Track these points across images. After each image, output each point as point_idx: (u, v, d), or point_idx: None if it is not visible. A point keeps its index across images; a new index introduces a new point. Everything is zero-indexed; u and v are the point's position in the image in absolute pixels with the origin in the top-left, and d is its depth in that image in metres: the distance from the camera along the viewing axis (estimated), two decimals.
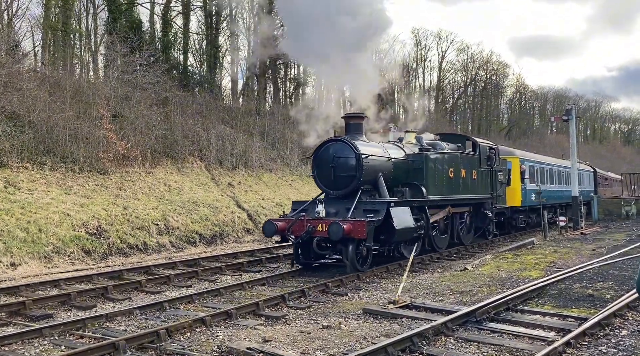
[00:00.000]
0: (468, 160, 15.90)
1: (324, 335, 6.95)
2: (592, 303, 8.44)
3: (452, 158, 15.04)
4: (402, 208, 12.16)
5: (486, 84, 65.55)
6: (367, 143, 12.75)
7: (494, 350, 6.32)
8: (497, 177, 17.84)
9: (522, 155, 22.44)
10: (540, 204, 21.52)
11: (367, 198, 12.22)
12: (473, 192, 16.08)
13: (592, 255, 14.04)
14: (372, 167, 12.29)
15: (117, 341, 6.35)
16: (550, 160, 27.84)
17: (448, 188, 14.59)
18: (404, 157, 13.77)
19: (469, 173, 15.81)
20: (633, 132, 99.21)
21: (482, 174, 16.85)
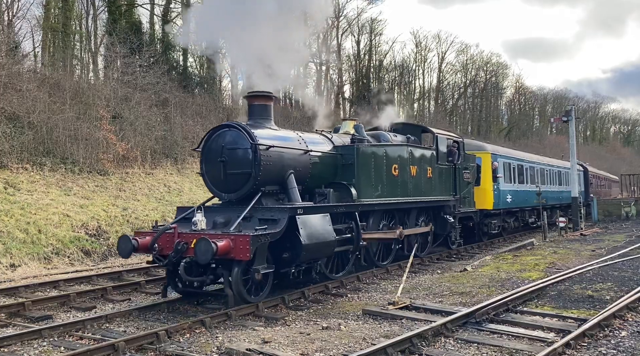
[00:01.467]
0: (421, 154, 13.23)
1: (323, 336, 6.95)
2: (591, 304, 8.45)
3: (396, 153, 12.22)
4: (316, 216, 9.26)
5: (486, 85, 65.56)
6: (273, 131, 9.90)
7: (494, 351, 6.32)
8: (461, 175, 15.25)
9: (495, 150, 19.55)
10: (518, 206, 20.14)
11: (271, 203, 9.44)
12: (428, 193, 13.37)
13: (592, 256, 14.04)
14: (278, 161, 9.51)
15: (117, 342, 6.35)
16: (535, 157, 25.23)
17: (391, 188, 11.84)
18: (332, 150, 11.01)
19: (422, 171, 13.16)
20: (633, 133, 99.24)
21: (441, 172, 14.17)
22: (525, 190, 21.32)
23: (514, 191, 20.05)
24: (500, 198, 18.57)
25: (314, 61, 43.42)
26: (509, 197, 19.35)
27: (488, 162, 18.18)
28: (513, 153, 22.14)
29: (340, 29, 45.26)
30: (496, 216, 18.75)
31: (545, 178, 24.69)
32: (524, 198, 20.98)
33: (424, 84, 58.87)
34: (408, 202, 12.61)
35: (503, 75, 68.51)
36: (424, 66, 58.34)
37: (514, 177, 20.46)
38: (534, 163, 23.58)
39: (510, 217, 20.37)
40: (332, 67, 45.76)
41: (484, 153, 18.26)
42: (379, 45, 51.53)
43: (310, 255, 9.10)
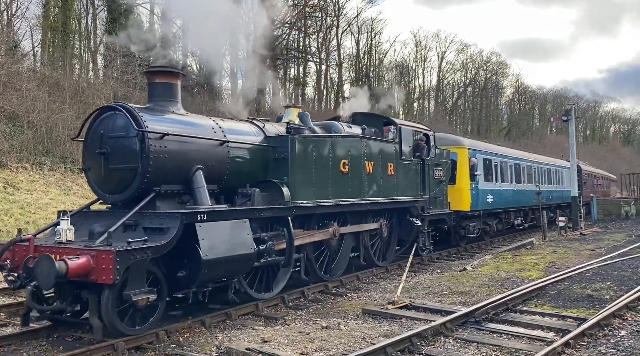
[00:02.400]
0: (380, 149, 11.47)
1: (323, 336, 6.95)
2: (591, 304, 8.45)
3: (346, 146, 10.41)
4: (228, 223, 7.48)
5: (486, 84, 65.59)
6: (175, 116, 7.99)
7: (493, 350, 6.32)
8: (431, 172, 13.48)
9: (474, 145, 17.55)
10: (499, 207, 18.56)
11: (169, 207, 7.55)
12: (389, 193, 11.64)
13: (592, 256, 14.04)
14: (178, 154, 7.63)
15: (116, 342, 6.34)
16: (521, 153, 23.26)
17: (338, 188, 10.11)
18: (263, 141, 9.24)
19: (381, 168, 11.44)
20: (632, 133, 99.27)
21: (406, 169, 12.41)
22: (509, 190, 19.57)
23: (497, 190, 18.19)
24: (479, 199, 16.72)
25: (314, 60, 43.47)
26: (490, 197, 17.46)
27: (465, 158, 16.29)
28: (495, 148, 19.94)
29: (340, 27, 45.26)
30: (475, 218, 16.79)
31: (534, 176, 22.84)
32: (508, 199, 19.28)
33: (424, 83, 58.95)
34: (361, 204, 10.75)
35: (503, 75, 68.61)
36: (423, 65, 58.42)
37: (496, 175, 18.54)
38: (520, 161, 21.58)
39: (493, 218, 18.45)
40: (331, 66, 45.78)
41: (460, 149, 16.34)
42: (379, 44, 51.62)
43: (215, 274, 7.20)
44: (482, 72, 64.87)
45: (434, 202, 13.55)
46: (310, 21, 41.03)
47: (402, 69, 55.05)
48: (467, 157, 16.33)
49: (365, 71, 49.37)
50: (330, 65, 45.75)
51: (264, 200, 8.75)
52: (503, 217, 19.36)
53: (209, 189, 7.95)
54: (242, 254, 7.54)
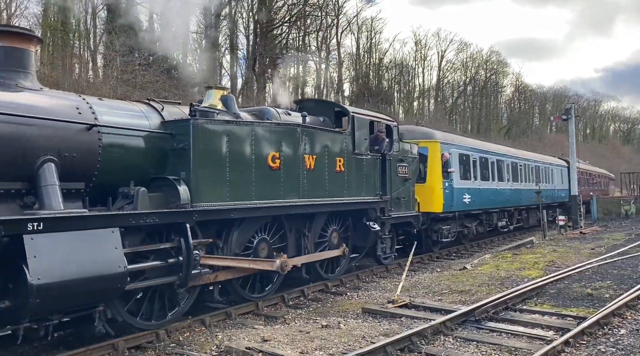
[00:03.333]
0: (325, 141, 9.55)
1: (323, 335, 6.96)
2: (591, 303, 8.46)
3: (277, 136, 8.42)
4: (79, 234, 5.62)
5: (486, 83, 65.58)
6: (20, 90, 6.18)
7: (493, 349, 6.33)
8: (394, 169, 11.67)
9: (447, 139, 15.69)
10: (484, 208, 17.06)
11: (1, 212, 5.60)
12: (337, 194, 9.77)
13: (591, 255, 14.05)
14: (13, 141, 5.79)
15: (116, 341, 6.35)
16: (505, 149, 21.37)
17: (265, 187, 8.13)
18: (159, 126, 7.34)
19: (327, 163, 9.55)
20: (632, 131, 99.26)
21: (361, 165, 10.54)
22: (491, 189, 17.79)
23: (475, 190, 16.34)
24: (454, 199, 14.91)
25: (313, 59, 43.46)
26: (467, 196, 15.65)
27: (437, 154, 14.48)
28: (473, 143, 18.06)
29: (339, 26, 45.25)
30: (450, 220, 15.13)
31: (519, 174, 20.93)
32: (489, 198, 17.46)
33: (424, 82, 58.94)
34: (299, 206, 8.83)
35: (503, 73, 68.60)
36: (423, 64, 58.39)
37: (475, 172, 16.67)
38: (504, 157, 19.67)
39: (472, 220, 16.65)
40: (331, 65, 45.78)
41: (431, 143, 14.53)
42: (379, 43, 51.60)
43: (54, 303, 5.36)
44: (482, 71, 64.88)
45: (397, 203, 11.75)
46: (310, 20, 41.03)
47: (402, 68, 55.03)
48: (439, 151, 14.53)
49: (365, 70, 49.37)
50: (330, 64, 45.79)
51: (155, 202, 6.80)
52: (484, 219, 17.49)
53: (72, 188, 6.24)
54: (102, 275, 5.60)
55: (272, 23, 36.38)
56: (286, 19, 37.61)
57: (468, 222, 16.39)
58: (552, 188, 25.14)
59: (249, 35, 36.82)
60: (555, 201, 25.12)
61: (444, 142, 15.12)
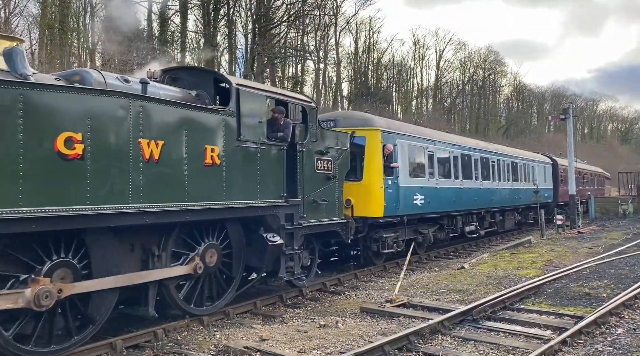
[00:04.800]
0: (184, 120, 6.79)
1: (321, 334, 6.96)
2: (588, 302, 8.48)
3: (83, 109, 5.72)
4: None
5: (484, 83, 65.67)
6: None
7: (491, 348, 6.34)
8: (309, 163, 9.13)
9: (391, 127, 12.71)
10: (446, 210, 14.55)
11: None
12: (204, 196, 7.05)
13: (589, 254, 14.08)
14: None
15: (114, 341, 6.35)
16: (477, 143, 18.30)
17: (51, 185, 5.41)
18: None
19: (186, 152, 6.80)
20: (630, 131, 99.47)
21: (252, 157, 7.84)
22: (453, 189, 14.97)
23: (431, 189, 13.66)
24: (401, 200, 12.25)
25: (312, 58, 43.48)
26: (420, 197, 13.03)
27: (376, 145, 11.72)
28: (430, 133, 14.87)
29: (338, 26, 45.27)
30: (397, 226, 12.52)
31: (491, 171, 18.00)
32: (450, 200, 14.73)
33: (422, 82, 58.98)
34: (122, 215, 6.08)
35: (501, 73, 68.70)
36: (422, 64, 58.45)
37: (431, 168, 13.92)
38: (471, 151, 16.63)
39: (430, 226, 14.12)
40: (329, 64, 45.79)
41: (369, 131, 11.76)
42: (377, 43, 51.64)
43: None
44: (481, 71, 64.96)
45: (315, 208, 9.22)
46: (308, 19, 41.04)
47: (400, 68, 55.07)
48: (379, 142, 11.73)
49: (364, 70, 49.39)
50: (329, 63, 45.80)
51: None
52: (445, 223, 14.89)
53: None
54: None
55: (270, 22, 36.38)
56: (284, 18, 37.63)
57: (424, 227, 13.81)
58: (533, 187, 22.62)
59: (247, 35, 36.85)
60: (539, 202, 22.50)
61: (387, 130, 12.17)
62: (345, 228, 10.10)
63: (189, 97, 7.80)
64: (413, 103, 57.29)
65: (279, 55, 38.54)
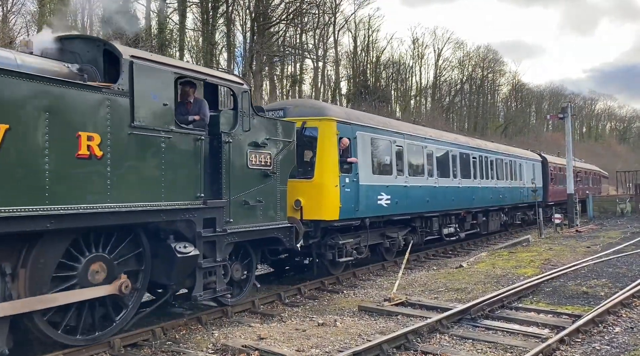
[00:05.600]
0: (32, 97, 5.17)
1: (319, 333, 6.97)
2: (586, 301, 8.49)
3: None
4: None
5: (482, 82, 65.71)
6: None
7: (489, 347, 6.35)
8: (237, 157, 7.68)
9: (351, 117, 11.12)
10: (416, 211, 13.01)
11: None
12: (76, 197, 5.55)
13: (587, 253, 14.11)
14: None
15: (112, 339, 6.35)
16: (457, 138, 16.78)
17: None
18: None
19: (48, 141, 5.31)
20: (628, 130, 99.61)
21: (154, 147, 6.46)
22: (427, 187, 13.53)
23: (399, 188, 12.20)
24: (361, 200, 10.76)
25: (311, 57, 43.46)
26: (386, 197, 11.59)
27: (330, 137, 10.19)
28: (398, 126, 13.19)
29: (337, 24, 45.24)
30: (360, 231, 11.15)
31: (471, 168, 16.49)
32: (423, 200, 13.28)
33: (421, 81, 58.99)
34: None
35: (500, 72, 68.74)
36: (420, 62, 58.44)
37: (400, 164, 12.48)
38: (447, 145, 15.11)
39: (400, 229, 12.76)
40: (328, 63, 45.77)
41: (322, 121, 10.23)
42: (376, 41, 51.62)
43: None
44: (479, 69, 64.98)
45: (248, 211, 7.81)
46: (307, 18, 41.00)
47: (399, 66, 55.07)
48: (334, 134, 10.22)
49: (363, 68, 49.38)
50: (328, 62, 45.78)
51: None
52: (419, 226, 13.46)
53: None
54: None
55: (269, 21, 36.35)
56: (283, 16, 37.59)
57: (392, 231, 12.41)
58: (520, 186, 20.81)
59: (246, 33, 36.81)
60: (525, 202, 21.11)
61: (345, 120, 10.62)
62: (289, 234, 8.60)
63: (66, 72, 6.15)
64: (412, 102, 57.29)
65: (278, 53, 38.50)
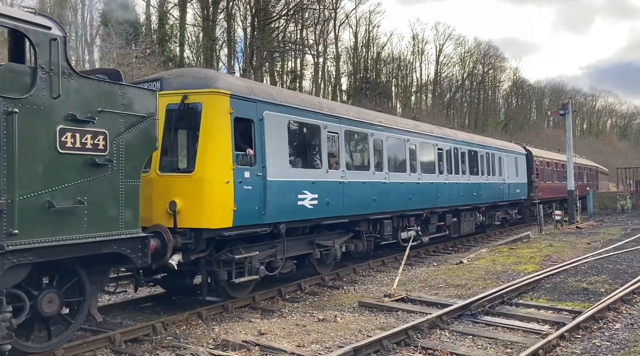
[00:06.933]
0: None
1: (319, 328, 6.97)
2: (586, 297, 8.49)
3: None
4: None
5: (483, 78, 65.59)
6: None
7: (489, 343, 6.35)
8: (34, 132, 5.31)
9: (256, 92, 8.55)
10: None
11: None
12: None
13: (587, 249, 14.11)
14: None
15: (113, 334, 6.36)
16: (416, 125, 14.09)
17: None
18: None
19: None
20: (629, 127, 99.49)
21: None
22: (376, 184, 11.26)
23: (333, 185, 9.88)
24: (270, 201, 8.28)
25: (311, 53, 43.37)
26: (311, 196, 9.26)
27: (220, 117, 7.73)
28: (331, 107, 10.71)
29: (337, 20, 45.13)
30: (275, 240, 8.73)
31: (436, 161, 14.18)
32: (370, 199, 10.98)
33: (422, 77, 58.88)
34: None
35: (501, 68, 68.61)
36: (421, 58, 58.32)
37: (335, 156, 10.20)
38: (406, 135, 12.76)
39: (338, 235, 10.49)
40: (329, 58, 45.68)
41: (208, 95, 7.74)
42: (376, 37, 51.52)
43: None
44: (480, 66, 64.86)
45: (57, 216, 5.49)
46: (308, 13, 40.92)
47: (399, 62, 54.98)
48: (226, 113, 7.74)
49: (363, 64, 49.30)
50: (328, 58, 45.70)
51: None
52: (365, 230, 11.20)
53: None
54: None
55: (269, 16, 36.27)
56: (284, 12, 37.51)
57: (326, 238, 10.10)
58: (500, 182, 18.49)
59: (246, 29, 36.72)
60: (505, 199, 18.92)
61: (243, 95, 8.08)
62: (142, 248, 6.31)
63: None
64: (412, 98, 57.20)
65: (278, 49, 38.43)
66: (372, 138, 11.35)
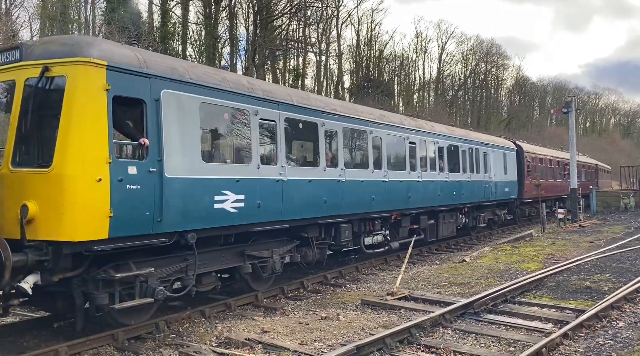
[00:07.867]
0: None
1: (322, 326, 6.97)
2: (589, 295, 8.47)
3: None
4: None
5: (486, 76, 65.47)
6: None
7: (492, 341, 6.34)
8: None
9: (149, 63, 6.67)
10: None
11: None
12: None
13: (590, 248, 14.07)
14: None
15: (116, 332, 6.37)
16: (382, 114, 12.41)
17: None
18: None
19: None
20: (632, 125, 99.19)
21: None
22: (329, 182, 9.72)
23: (266, 183, 8.23)
24: (170, 203, 6.63)
25: (313, 51, 43.33)
26: (234, 197, 7.61)
27: (90, 94, 6.02)
28: (270, 91, 8.86)
29: (340, 18, 45.08)
30: (186, 253, 7.21)
31: (407, 157, 12.51)
32: (320, 199, 9.41)
33: (424, 75, 58.79)
34: None
35: (503, 66, 68.47)
36: (424, 57, 58.24)
37: (272, 148, 8.68)
38: (368, 126, 11.18)
39: (280, 243, 9.04)
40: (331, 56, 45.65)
41: (73, 66, 6.01)
42: (379, 35, 51.45)
43: None
44: (483, 64, 64.73)
45: None
46: (310, 11, 40.88)
47: (402, 60, 54.90)
48: (100, 89, 6.09)
49: (366, 62, 49.24)
50: (330, 56, 45.65)
51: None
52: (315, 237, 9.73)
53: None
54: None
55: (272, 14, 36.23)
56: (286, 10, 37.46)
57: (262, 247, 8.61)
58: (485, 180, 16.95)
59: (248, 27, 36.69)
60: (491, 199, 17.38)
61: (126, 67, 6.38)
62: None
63: None
64: (415, 96, 57.12)
65: (281, 47, 38.39)
66: (322, 129, 9.69)
